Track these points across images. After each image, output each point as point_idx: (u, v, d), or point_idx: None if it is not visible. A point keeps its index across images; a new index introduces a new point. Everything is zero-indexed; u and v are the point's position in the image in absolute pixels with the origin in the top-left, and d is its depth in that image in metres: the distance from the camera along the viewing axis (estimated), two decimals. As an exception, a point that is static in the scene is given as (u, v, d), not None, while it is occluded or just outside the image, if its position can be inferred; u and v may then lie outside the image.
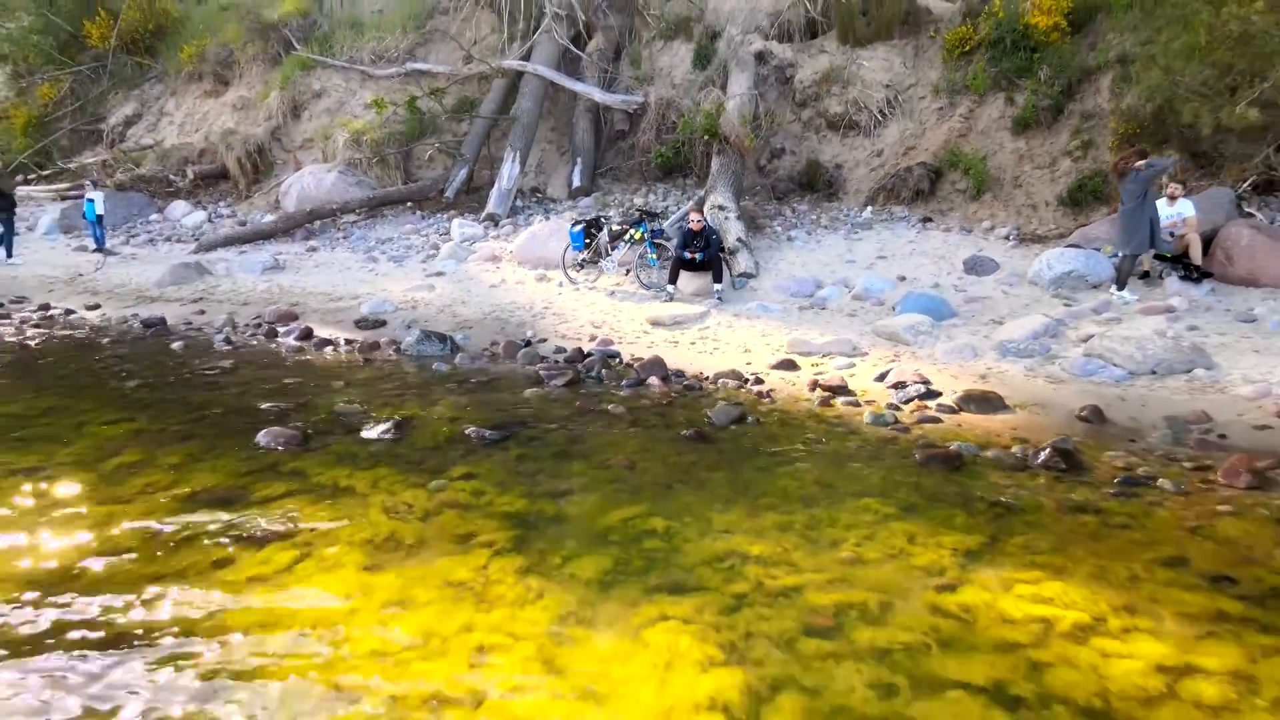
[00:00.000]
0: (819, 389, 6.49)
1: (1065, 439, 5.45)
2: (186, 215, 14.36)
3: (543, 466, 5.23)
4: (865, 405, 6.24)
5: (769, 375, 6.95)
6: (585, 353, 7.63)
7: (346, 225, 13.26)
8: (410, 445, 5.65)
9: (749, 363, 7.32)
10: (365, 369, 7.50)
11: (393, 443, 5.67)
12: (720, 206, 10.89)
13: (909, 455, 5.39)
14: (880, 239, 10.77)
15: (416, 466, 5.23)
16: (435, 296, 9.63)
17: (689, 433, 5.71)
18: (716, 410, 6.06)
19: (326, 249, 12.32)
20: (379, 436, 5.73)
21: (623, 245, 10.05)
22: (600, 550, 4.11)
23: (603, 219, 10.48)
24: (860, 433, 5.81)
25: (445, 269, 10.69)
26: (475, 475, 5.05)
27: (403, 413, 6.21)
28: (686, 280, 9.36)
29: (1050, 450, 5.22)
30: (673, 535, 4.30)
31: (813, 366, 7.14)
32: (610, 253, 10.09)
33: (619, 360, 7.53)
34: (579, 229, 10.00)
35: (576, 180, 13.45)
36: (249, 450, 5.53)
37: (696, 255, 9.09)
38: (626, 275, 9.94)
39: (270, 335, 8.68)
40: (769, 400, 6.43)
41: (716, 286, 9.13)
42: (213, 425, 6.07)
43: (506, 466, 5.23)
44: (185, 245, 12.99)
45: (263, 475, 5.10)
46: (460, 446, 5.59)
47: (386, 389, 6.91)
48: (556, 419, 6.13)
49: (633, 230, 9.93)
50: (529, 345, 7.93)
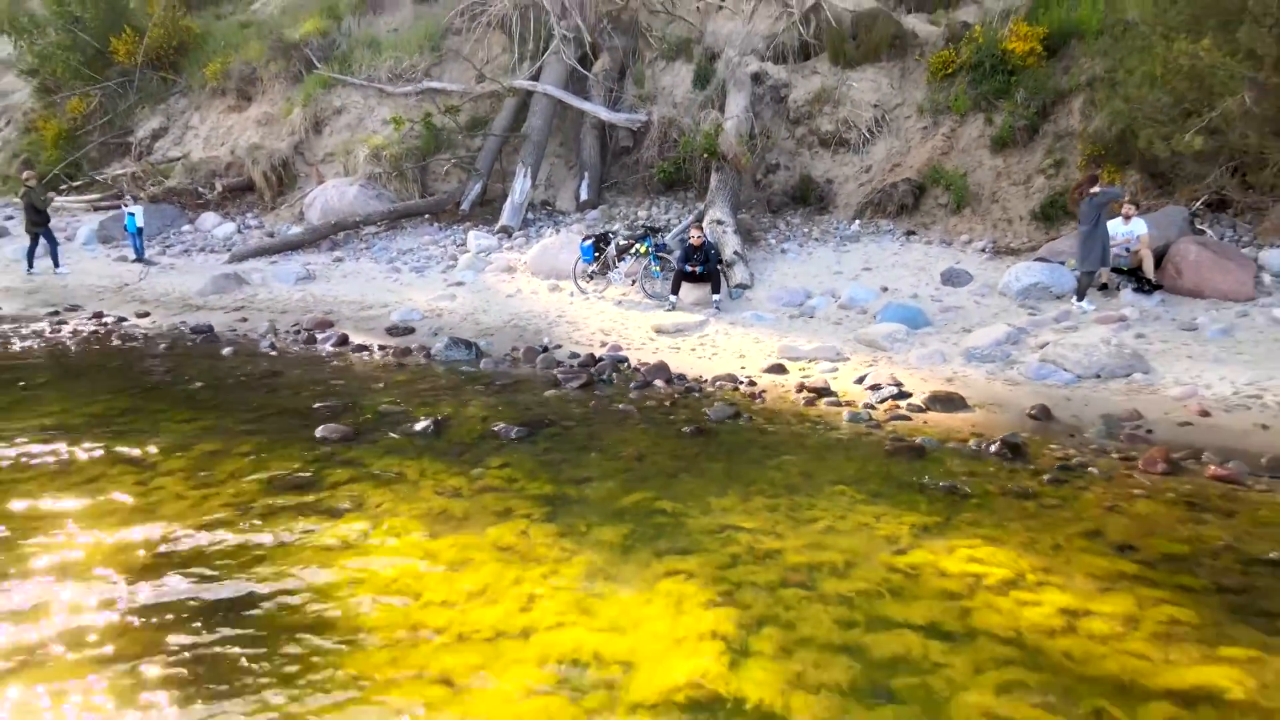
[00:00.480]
0: (805, 390, 7.37)
1: (1015, 434, 6.34)
2: (217, 226, 15.24)
3: (565, 457, 6.12)
4: (845, 405, 7.13)
5: (761, 378, 7.83)
6: (597, 358, 8.51)
7: (368, 236, 14.14)
8: (448, 440, 6.53)
9: (743, 367, 8.20)
10: (401, 373, 8.38)
11: (433, 437, 6.55)
12: (719, 221, 11.78)
13: (880, 448, 6.28)
14: (866, 251, 11.65)
15: (457, 457, 6.11)
16: (458, 305, 10.51)
17: (690, 429, 6.59)
18: (714, 409, 6.95)
19: (351, 259, 13.21)
20: (421, 432, 6.61)
21: (629, 258, 10.93)
22: (619, 523, 5.00)
23: (611, 234, 11.36)
24: (839, 429, 6.70)
25: (465, 279, 11.58)
26: (508, 464, 5.94)
27: (439, 412, 7.09)
28: (687, 291, 10.25)
29: (1000, 443, 6.12)
30: (678, 512, 5.19)
31: (800, 370, 8.02)
32: (617, 265, 10.98)
33: (627, 365, 8.41)
34: (589, 243, 10.88)
35: (584, 194, 14.33)
36: (310, 443, 6.41)
37: (697, 268, 9.97)
38: (633, 286, 10.82)
39: (310, 341, 9.56)
40: (761, 401, 7.31)
41: (715, 297, 10.01)
42: (274, 422, 6.95)
43: (534, 457, 6.11)
44: (218, 255, 13.87)
45: (326, 464, 5.99)
46: (492, 441, 6.47)
47: (422, 390, 7.79)
48: (574, 417, 7.01)
49: (638, 245, 10.82)
50: (546, 351, 8.81)
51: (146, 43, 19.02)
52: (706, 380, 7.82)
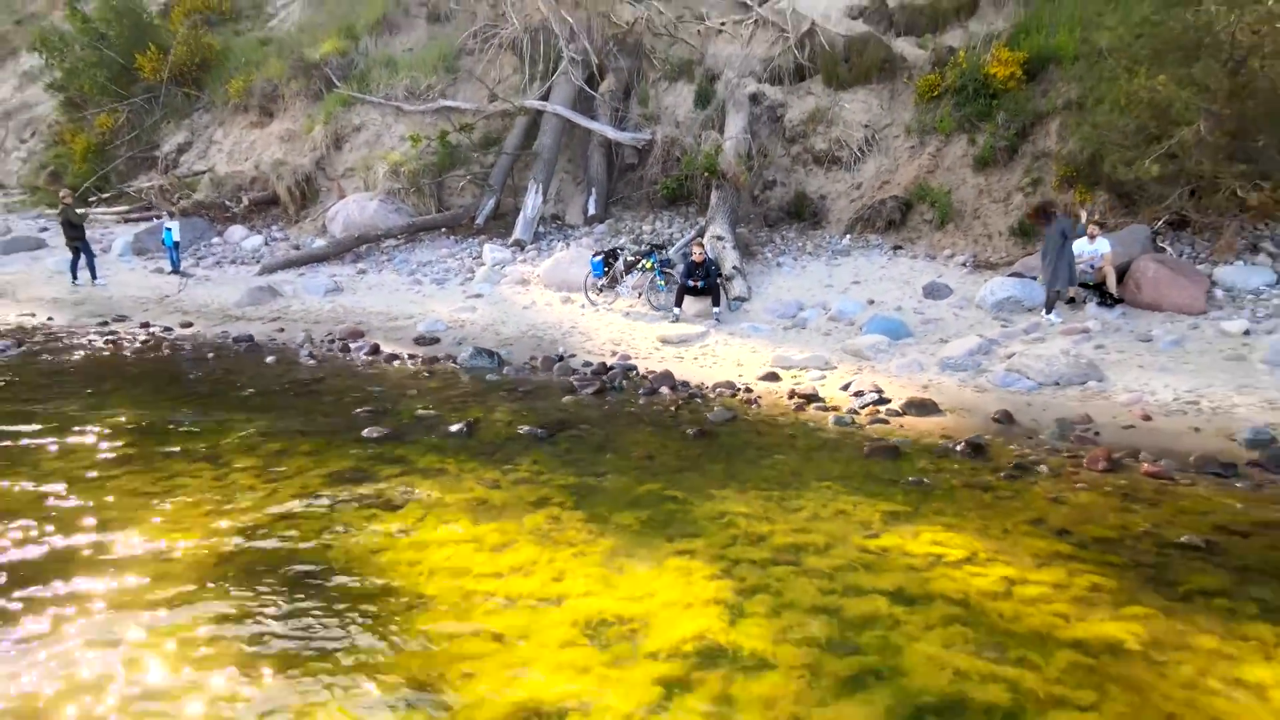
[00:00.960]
0: (796, 397, 8.25)
1: (979, 436, 7.21)
2: (245, 239, 16.12)
3: (585, 456, 6.99)
4: (831, 410, 8.00)
5: (756, 385, 8.70)
6: (608, 366, 9.38)
7: (389, 249, 15.01)
8: (481, 440, 7.41)
9: (740, 374, 9.07)
10: (431, 380, 9.26)
11: (467, 438, 7.43)
12: (719, 237, 12.66)
13: (861, 448, 7.15)
14: (856, 265, 12.52)
15: (490, 455, 6.99)
16: (478, 317, 11.38)
17: (693, 431, 7.47)
18: (715, 413, 7.82)
19: (374, 271, 14.08)
20: (456, 433, 7.48)
21: (636, 273, 11.80)
22: (634, 511, 5.88)
23: (619, 250, 12.23)
24: (826, 431, 7.58)
25: (483, 291, 12.45)
26: (536, 461, 6.82)
27: (470, 415, 7.96)
28: (690, 303, 11.12)
29: (965, 444, 6.99)
30: (684, 502, 6.06)
31: (792, 378, 8.89)
32: (625, 279, 11.85)
33: (636, 372, 9.28)
34: (599, 259, 11.76)
35: (592, 209, 15.20)
36: (360, 443, 7.29)
37: (698, 283, 10.85)
38: (639, 298, 11.69)
39: (344, 350, 10.43)
40: (756, 406, 8.19)
41: (715, 309, 10.89)
42: (324, 424, 7.82)
43: (558, 456, 6.99)
44: (249, 267, 14.74)
45: (377, 460, 6.87)
46: (520, 441, 7.34)
47: (452, 396, 8.66)
48: (590, 420, 7.89)
49: (644, 260, 11.69)
50: (562, 360, 9.68)
51: (171, 60, 19.89)
52: (707, 387, 8.69)
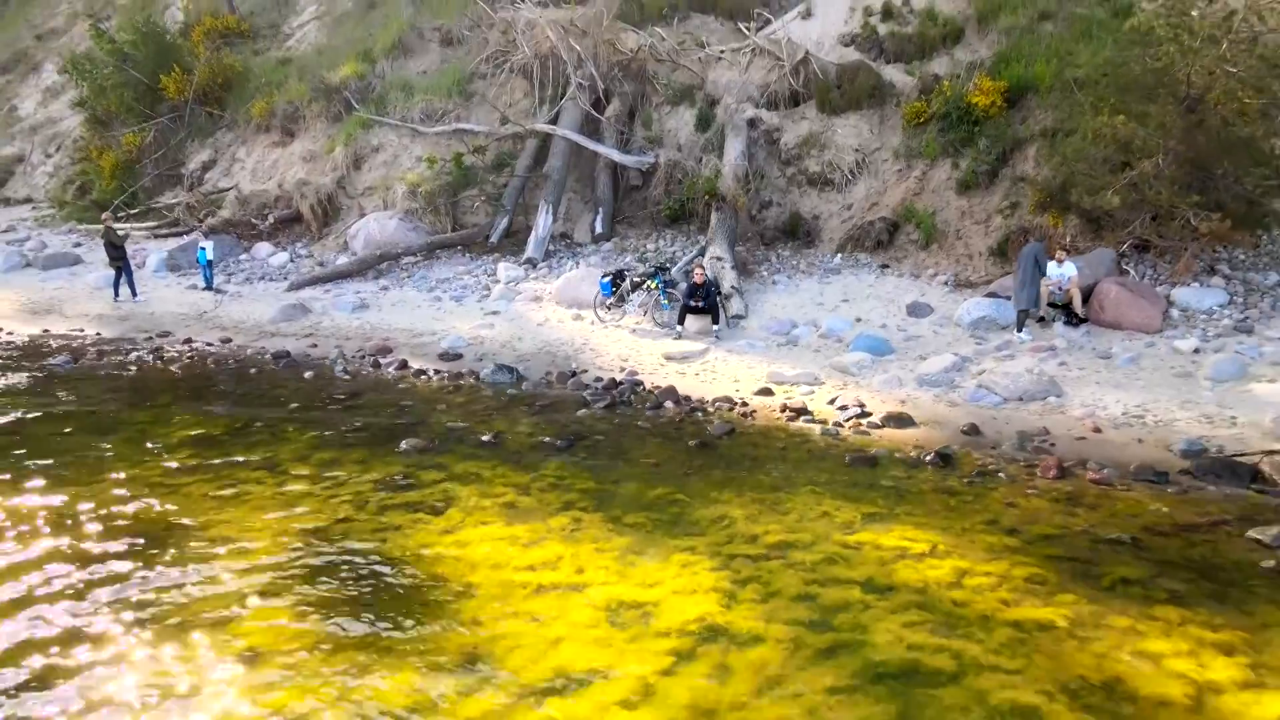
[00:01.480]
0: (787, 410, 9.19)
1: (948, 447, 8.15)
2: (271, 255, 17.07)
3: (600, 464, 7.94)
4: (818, 423, 8.94)
5: (752, 400, 9.64)
6: (618, 382, 10.31)
7: (408, 266, 15.95)
8: (507, 450, 8.35)
9: (738, 389, 10.01)
10: (457, 395, 10.19)
11: (495, 448, 8.37)
12: (718, 257, 13.61)
13: (844, 458, 8.09)
14: (845, 283, 13.47)
15: (517, 464, 7.93)
16: (496, 333, 12.33)
17: (695, 442, 8.41)
18: (714, 426, 8.77)
19: (396, 288, 15.03)
20: (485, 443, 8.42)
21: (641, 292, 12.75)
22: (645, 513, 6.82)
23: (625, 271, 13.17)
24: (813, 442, 8.52)
25: (499, 308, 13.40)
26: (558, 470, 7.76)
27: (495, 427, 8.90)
28: (691, 321, 12.06)
29: (935, 454, 7.93)
30: (688, 506, 7.01)
31: (784, 393, 9.82)
32: (631, 297, 12.81)
33: (642, 387, 10.21)
34: (607, 280, 12.71)
35: (599, 227, 16.15)
36: (400, 453, 8.22)
37: (700, 302, 11.80)
38: (645, 315, 12.64)
39: (375, 365, 11.37)
40: (751, 419, 9.13)
41: (715, 327, 11.84)
42: (366, 435, 8.76)
43: (577, 464, 7.93)
44: (277, 283, 15.69)
45: (419, 468, 7.82)
46: (542, 451, 8.29)
47: (478, 410, 9.61)
48: (603, 432, 8.83)
49: (649, 281, 12.65)
50: (575, 375, 10.61)
51: (196, 81, 20.84)
52: (708, 401, 9.63)
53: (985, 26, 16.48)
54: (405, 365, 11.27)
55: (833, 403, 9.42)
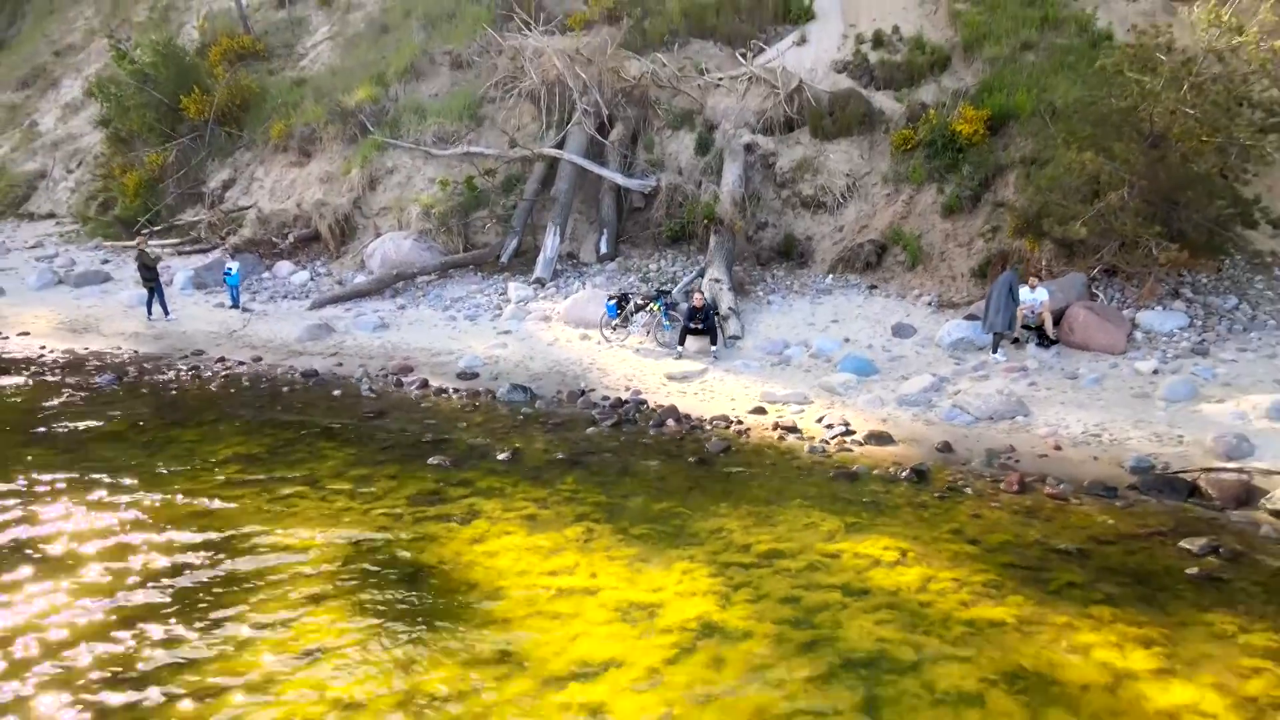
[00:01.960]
0: (778, 428, 10.07)
1: (923, 463, 9.03)
2: (292, 274, 17.95)
3: (609, 479, 8.83)
4: (807, 440, 9.83)
5: (747, 418, 10.52)
6: (623, 401, 11.19)
7: (423, 285, 16.83)
8: (525, 465, 9.24)
9: (734, 408, 10.89)
10: (476, 413, 11.07)
11: (514, 464, 9.26)
12: (716, 279, 14.50)
13: (829, 473, 8.97)
14: (836, 304, 14.35)
15: (535, 479, 8.82)
16: (509, 353, 13.21)
17: (695, 459, 9.29)
18: (712, 444, 9.65)
19: (413, 306, 15.92)
20: (504, 460, 9.31)
21: (644, 314, 13.64)
22: (650, 525, 7.72)
23: (629, 294, 14.06)
24: (801, 458, 9.40)
25: (511, 328, 14.29)
26: (572, 484, 8.65)
27: (513, 444, 9.78)
28: (691, 341, 12.95)
29: (910, 470, 8.82)
30: (688, 518, 7.90)
31: (776, 412, 10.71)
32: (634, 318, 13.69)
33: (646, 406, 11.09)
34: (613, 303, 13.60)
35: (603, 248, 17.03)
36: (429, 469, 9.11)
37: (699, 325, 12.70)
38: (648, 335, 13.53)
39: (398, 384, 12.25)
40: (746, 437, 10.01)
41: (713, 348, 12.73)
42: (396, 453, 9.65)
43: (588, 479, 8.82)
44: (299, 302, 16.57)
45: (445, 483, 8.71)
46: (557, 466, 9.17)
47: (496, 427, 10.49)
48: (611, 449, 9.71)
49: (652, 304, 13.55)
50: (584, 394, 11.49)
51: (216, 102, 21.73)
52: (706, 420, 10.51)
53: (971, 55, 17.39)
54: (426, 384, 12.15)
55: (820, 421, 10.30)
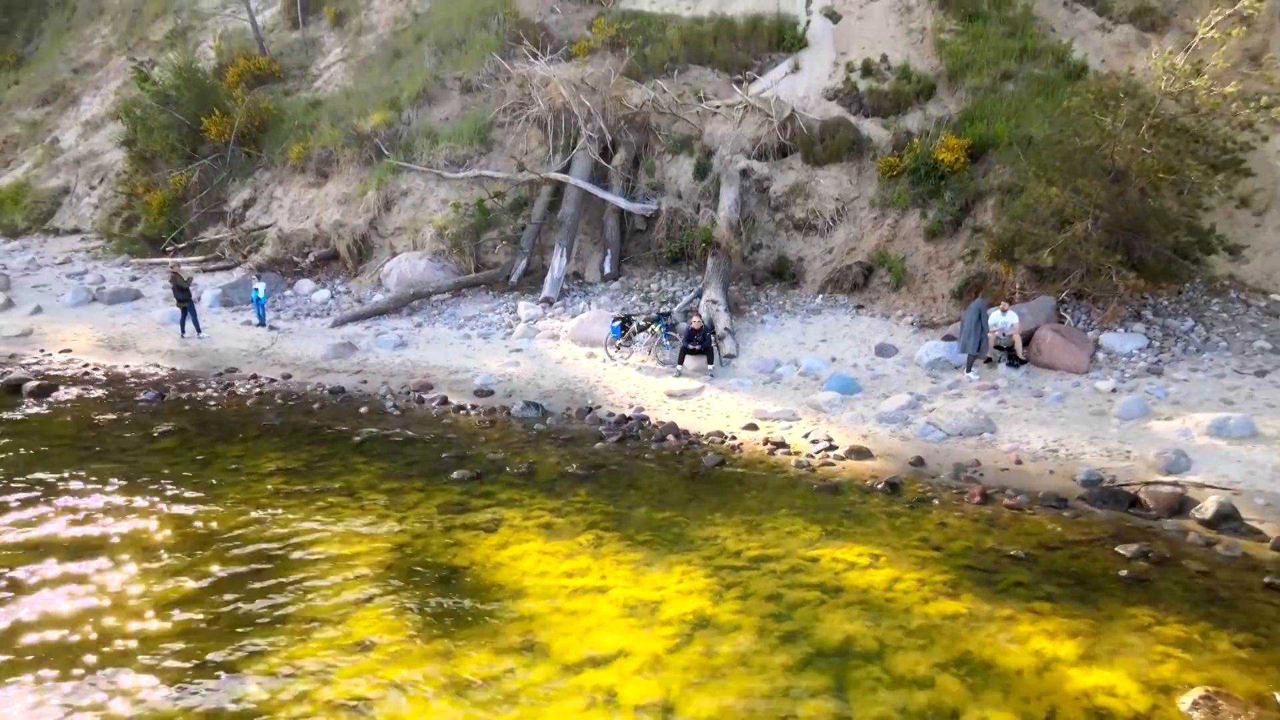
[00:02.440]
0: (768, 444, 11.11)
1: (897, 476, 10.06)
2: (313, 292, 18.99)
3: (617, 491, 9.86)
4: (794, 455, 10.86)
5: (740, 434, 11.56)
6: (627, 417, 12.23)
7: (438, 303, 17.87)
8: (540, 479, 10.27)
9: (728, 424, 11.93)
10: (493, 429, 12.11)
11: (529, 477, 10.29)
12: (713, 300, 15.55)
13: (813, 485, 10.01)
14: (825, 323, 15.39)
15: (549, 491, 9.86)
16: (521, 371, 14.26)
17: (692, 472, 10.33)
18: (708, 458, 10.70)
19: (429, 324, 16.97)
20: (521, 473, 10.34)
21: (646, 334, 14.69)
22: (653, 533, 8.76)
23: (632, 316, 15.11)
24: (788, 472, 10.44)
25: (522, 345, 15.33)
26: (584, 495, 9.68)
27: (528, 459, 10.82)
28: (689, 361, 13.99)
29: (885, 483, 9.85)
30: (686, 526, 8.94)
31: (767, 428, 11.75)
32: (637, 338, 14.74)
33: (648, 422, 12.13)
34: (617, 324, 14.65)
35: (607, 268, 18.08)
36: (453, 482, 10.14)
37: (696, 345, 13.75)
38: (649, 354, 14.58)
39: (420, 401, 13.28)
40: (739, 452, 11.06)
41: (710, 367, 13.78)
42: (422, 467, 10.68)
43: (598, 490, 9.86)
44: (321, 319, 17.61)
45: (469, 495, 9.74)
46: (569, 479, 10.21)
47: (512, 443, 11.52)
48: (617, 463, 10.75)
49: (653, 325, 14.60)
50: (591, 411, 12.53)
51: (236, 124, 22.78)
52: (703, 435, 11.55)
53: (955, 84, 18.43)
54: (446, 401, 13.19)
55: (807, 436, 11.34)
